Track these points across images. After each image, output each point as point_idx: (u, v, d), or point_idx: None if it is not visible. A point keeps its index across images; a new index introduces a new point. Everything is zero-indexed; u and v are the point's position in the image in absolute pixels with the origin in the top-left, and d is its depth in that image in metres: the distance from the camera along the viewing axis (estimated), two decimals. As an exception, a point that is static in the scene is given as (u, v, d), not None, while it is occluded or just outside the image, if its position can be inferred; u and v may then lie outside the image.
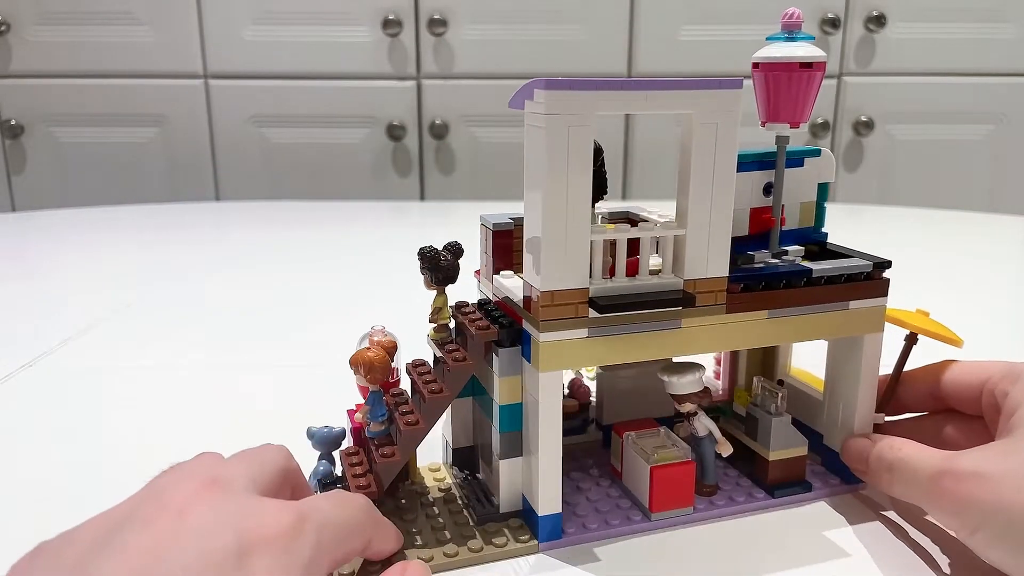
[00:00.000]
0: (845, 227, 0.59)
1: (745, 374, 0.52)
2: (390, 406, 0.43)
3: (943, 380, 0.44)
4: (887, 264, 0.43)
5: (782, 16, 0.41)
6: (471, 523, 0.42)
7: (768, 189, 0.44)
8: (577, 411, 0.51)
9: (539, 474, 0.39)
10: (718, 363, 0.55)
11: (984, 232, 1.22)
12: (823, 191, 0.46)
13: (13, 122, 1.49)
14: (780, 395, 0.44)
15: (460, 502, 0.44)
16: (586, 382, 0.53)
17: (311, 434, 0.43)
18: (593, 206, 0.40)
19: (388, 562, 0.37)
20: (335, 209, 1.37)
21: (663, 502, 0.42)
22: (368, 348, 0.42)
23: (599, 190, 0.40)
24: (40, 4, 1.45)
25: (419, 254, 0.41)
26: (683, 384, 0.43)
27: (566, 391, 0.51)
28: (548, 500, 0.40)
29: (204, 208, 1.43)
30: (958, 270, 0.98)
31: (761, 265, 0.42)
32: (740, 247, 0.42)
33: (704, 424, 0.44)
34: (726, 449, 0.44)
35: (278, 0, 1.45)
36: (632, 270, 0.40)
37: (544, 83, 0.35)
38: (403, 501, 0.44)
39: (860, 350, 0.44)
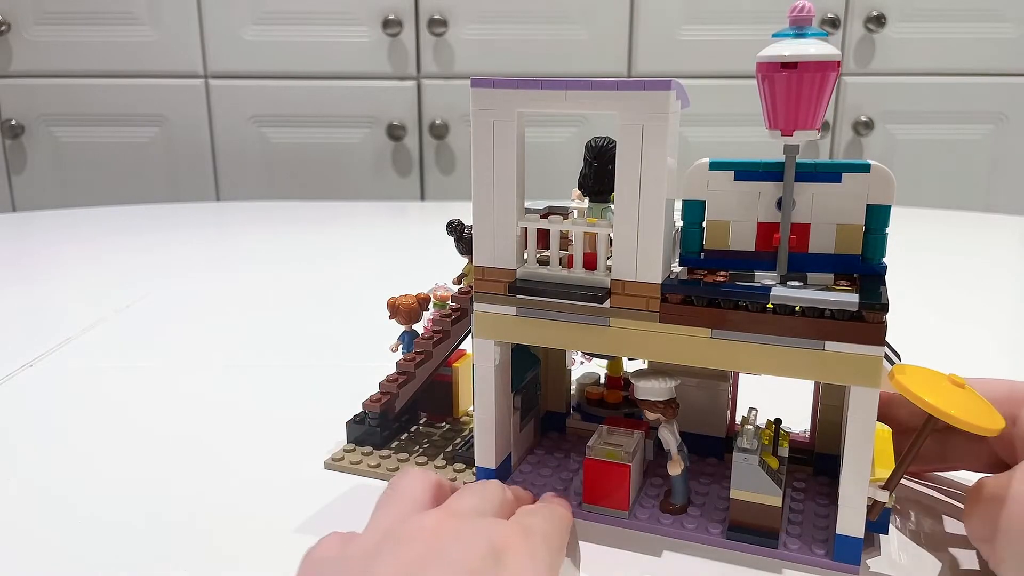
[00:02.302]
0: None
1: (820, 414, 0.46)
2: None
3: None
4: (881, 307, 0.35)
5: (790, 10, 0.36)
6: (449, 456, 0.49)
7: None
8: (620, 403, 0.51)
9: (475, 429, 0.44)
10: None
11: (983, 232, 1.22)
12: (878, 215, 0.38)
13: (13, 122, 1.49)
14: (752, 432, 0.40)
15: (466, 440, 0.50)
16: None
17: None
18: (610, 201, 0.41)
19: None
20: (335, 209, 1.37)
21: (595, 496, 0.42)
22: (406, 295, 0.51)
23: (610, 187, 0.40)
24: (40, 4, 1.45)
25: (447, 225, 0.47)
26: (639, 389, 0.41)
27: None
28: (482, 454, 0.44)
29: (204, 208, 1.43)
30: (957, 270, 0.98)
31: (721, 281, 0.39)
32: (750, 263, 0.39)
33: (664, 437, 0.42)
34: (673, 468, 0.41)
35: (278, 0, 1.45)
36: (569, 263, 0.41)
37: (472, 82, 0.39)
38: (445, 426, 0.53)
39: (849, 405, 0.37)
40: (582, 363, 0.56)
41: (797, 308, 0.36)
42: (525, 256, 0.42)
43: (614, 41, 1.46)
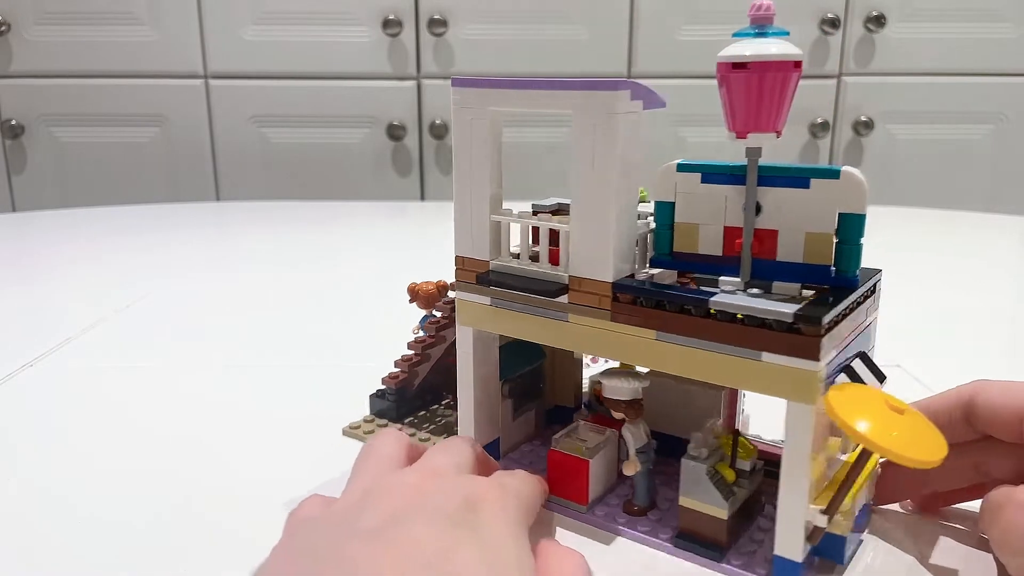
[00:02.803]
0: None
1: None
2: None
3: (978, 404, 0.39)
4: (815, 320, 0.33)
5: (750, 8, 0.35)
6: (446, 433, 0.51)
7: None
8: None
9: (458, 411, 0.45)
10: None
11: (983, 232, 1.22)
12: (851, 225, 0.36)
13: (13, 122, 1.49)
14: (702, 440, 0.39)
15: None
16: None
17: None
18: None
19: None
20: (335, 209, 1.37)
21: (557, 488, 0.43)
22: (427, 281, 0.53)
23: None
24: (40, 4, 1.45)
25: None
26: (605, 387, 0.41)
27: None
28: (463, 433, 0.46)
29: (204, 208, 1.43)
30: (958, 270, 0.98)
31: (672, 284, 0.38)
32: (718, 267, 0.38)
33: (626, 437, 0.42)
34: (628, 468, 0.42)
35: (278, 0, 1.45)
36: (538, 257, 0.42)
37: (452, 81, 0.41)
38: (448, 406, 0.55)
39: (785, 421, 0.34)
40: (604, 361, 0.56)
41: (739, 315, 0.35)
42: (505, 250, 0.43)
43: (614, 41, 1.46)
